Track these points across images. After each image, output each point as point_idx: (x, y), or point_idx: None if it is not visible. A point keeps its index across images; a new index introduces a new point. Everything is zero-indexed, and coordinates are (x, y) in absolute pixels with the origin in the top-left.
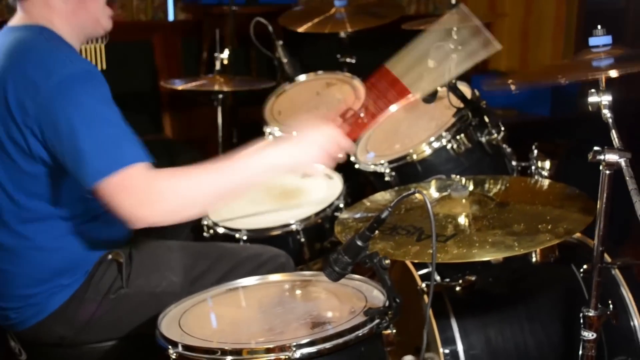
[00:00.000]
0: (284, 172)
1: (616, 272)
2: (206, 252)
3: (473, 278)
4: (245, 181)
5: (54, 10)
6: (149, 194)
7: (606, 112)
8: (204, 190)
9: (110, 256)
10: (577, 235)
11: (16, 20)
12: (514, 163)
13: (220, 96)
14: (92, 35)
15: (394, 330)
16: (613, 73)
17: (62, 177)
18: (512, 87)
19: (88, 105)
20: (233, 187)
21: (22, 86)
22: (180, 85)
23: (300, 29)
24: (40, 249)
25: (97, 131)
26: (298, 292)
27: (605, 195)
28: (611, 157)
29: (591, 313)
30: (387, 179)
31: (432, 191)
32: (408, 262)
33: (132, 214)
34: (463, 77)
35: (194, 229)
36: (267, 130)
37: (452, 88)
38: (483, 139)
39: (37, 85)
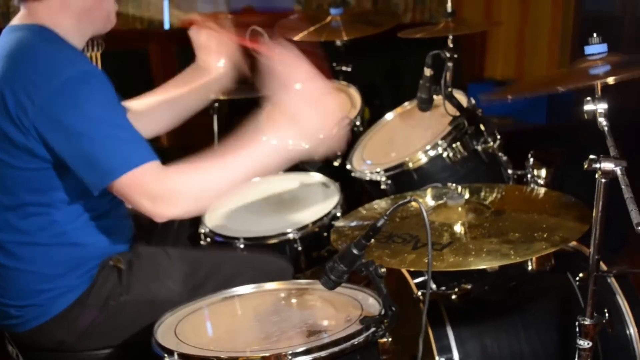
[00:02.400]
0: (293, 158)
1: (612, 281)
2: (205, 260)
3: (469, 286)
4: (253, 171)
5: (68, 9)
6: (162, 191)
7: (602, 120)
8: (214, 182)
9: (111, 262)
10: (573, 243)
11: (18, 19)
12: (509, 171)
13: (216, 104)
14: (100, 32)
15: (390, 339)
16: (610, 80)
17: (65, 174)
18: (509, 98)
19: (91, 108)
20: (241, 177)
21: (21, 88)
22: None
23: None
24: (43, 245)
25: (104, 134)
26: (294, 300)
27: (601, 203)
28: (607, 165)
29: (587, 321)
30: (383, 187)
31: (428, 199)
32: (404, 271)
33: (152, 211)
34: (459, 86)
35: (191, 237)
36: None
37: (448, 96)
38: (479, 147)
39: (38, 87)
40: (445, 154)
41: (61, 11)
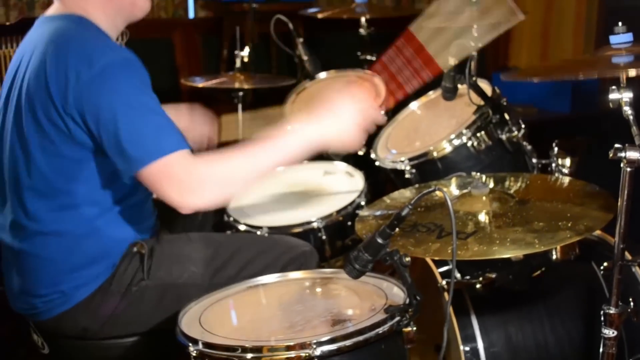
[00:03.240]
0: (319, 149)
1: (637, 270)
2: (227, 243)
3: (493, 275)
4: (279, 161)
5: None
6: (190, 181)
7: (627, 109)
8: (241, 173)
9: (135, 248)
10: (598, 232)
11: (53, 10)
12: (534, 160)
13: (241, 94)
14: (131, 19)
15: (415, 328)
16: (632, 72)
17: (101, 161)
18: (533, 79)
19: (128, 93)
20: (268, 167)
21: (63, 74)
22: (200, 83)
23: (321, 15)
24: (72, 235)
25: (138, 119)
26: (318, 289)
27: (626, 192)
28: (632, 154)
29: (612, 310)
30: (407, 176)
31: (452, 188)
32: (428, 260)
33: (177, 201)
34: (484, 75)
35: (215, 226)
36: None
37: (473, 85)
38: (503, 137)
39: (79, 73)
40: (469, 143)
41: (89, 1)
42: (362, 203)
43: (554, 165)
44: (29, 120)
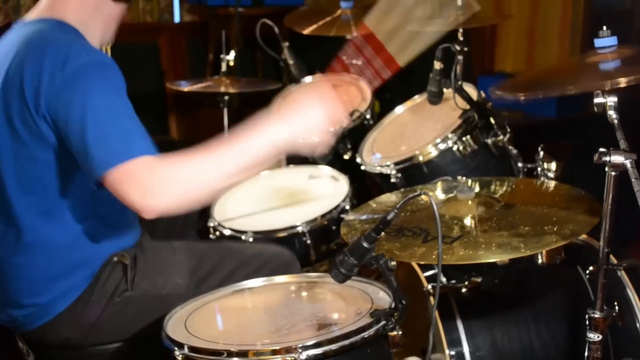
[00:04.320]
0: (287, 148)
1: (622, 274)
2: (211, 252)
3: (479, 279)
4: (246, 162)
5: (100, 12)
6: (152, 183)
7: (612, 113)
8: (206, 175)
9: (115, 258)
10: (583, 236)
11: (33, 15)
12: (520, 164)
13: (226, 98)
14: (107, 43)
15: (400, 332)
16: (622, 81)
17: (74, 167)
18: (522, 98)
19: (100, 95)
20: (234, 170)
21: (37, 75)
22: (186, 87)
23: (306, 31)
24: (52, 242)
25: (107, 122)
26: (304, 293)
27: (610, 196)
28: (617, 158)
29: (597, 314)
30: (393, 180)
31: (438, 193)
32: (414, 264)
33: (140, 204)
34: (469, 79)
35: (200, 232)
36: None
37: (458, 90)
38: (489, 141)
39: (52, 73)
40: (455, 147)
41: (94, 12)
42: (347, 207)
43: (539, 169)
44: (4, 124)
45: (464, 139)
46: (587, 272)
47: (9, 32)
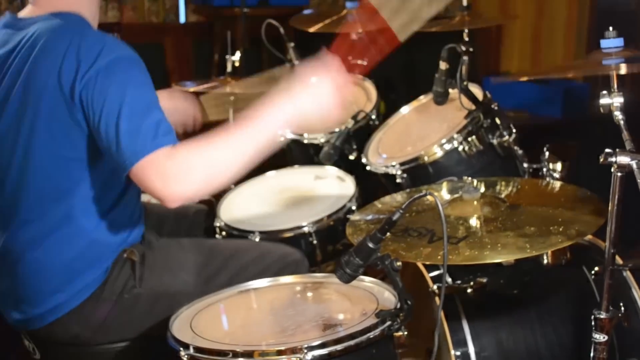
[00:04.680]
0: (299, 123)
1: (627, 274)
2: (219, 250)
3: (484, 280)
4: (262, 142)
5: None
6: (175, 171)
7: (618, 114)
8: (226, 158)
9: (125, 254)
10: (589, 237)
11: (38, 11)
12: (525, 165)
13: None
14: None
15: (406, 332)
16: (622, 69)
17: (98, 164)
18: (521, 79)
19: (135, 87)
20: (252, 149)
21: (73, 67)
22: (191, 88)
23: (312, 29)
24: (66, 237)
25: (140, 113)
26: (309, 294)
27: (616, 197)
28: (623, 159)
29: (602, 315)
30: (398, 180)
31: (443, 193)
32: (419, 264)
33: (163, 193)
34: (475, 79)
35: (206, 231)
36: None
37: (464, 90)
38: (494, 141)
39: (89, 62)
40: (461, 148)
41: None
42: (353, 208)
43: (545, 169)
44: (29, 119)
45: (469, 139)
46: (593, 272)
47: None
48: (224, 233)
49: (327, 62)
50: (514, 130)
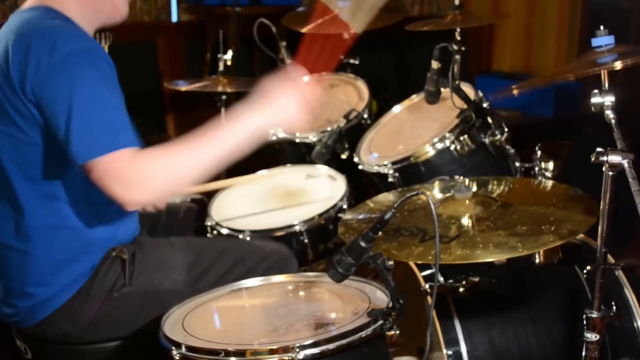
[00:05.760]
0: (265, 135)
1: (619, 273)
2: (209, 249)
3: (476, 279)
4: (225, 152)
5: None
6: (134, 177)
7: (609, 113)
8: (187, 167)
9: (114, 253)
10: (581, 236)
11: (27, 4)
12: (517, 164)
13: (224, 97)
14: (109, 22)
15: (398, 331)
16: (617, 64)
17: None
18: (515, 93)
19: (87, 84)
20: (214, 159)
21: (23, 61)
22: (183, 87)
23: (304, 30)
24: (54, 227)
25: (92, 112)
26: (301, 293)
27: (608, 196)
28: (614, 158)
29: (594, 314)
30: (390, 180)
31: (435, 192)
32: (411, 263)
33: (122, 197)
34: (467, 78)
35: (197, 230)
36: (271, 131)
37: (456, 89)
38: (486, 140)
39: (38, 60)
40: (452, 147)
41: None
42: (345, 206)
43: (536, 168)
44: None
45: (461, 138)
46: (585, 271)
47: (5, 24)
48: (215, 232)
49: (291, 73)
50: (506, 129)
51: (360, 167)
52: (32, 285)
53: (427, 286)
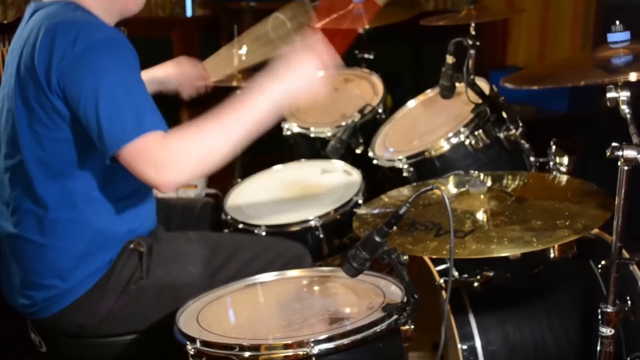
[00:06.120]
0: (287, 107)
1: (634, 268)
2: (225, 244)
3: (491, 274)
4: (254, 124)
5: None
6: (166, 158)
7: (624, 108)
8: (217, 143)
9: (132, 245)
10: (595, 231)
11: None
12: (532, 159)
13: (239, 92)
14: (126, 12)
15: (412, 326)
16: (632, 76)
17: (88, 145)
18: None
19: (111, 72)
20: (243, 132)
21: (48, 55)
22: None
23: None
24: (72, 222)
25: (119, 98)
26: (316, 288)
27: (623, 191)
28: (629, 153)
29: (609, 309)
30: (405, 174)
31: (450, 187)
32: (426, 258)
33: (155, 180)
34: (481, 73)
35: (212, 225)
36: (285, 126)
37: (470, 84)
38: (501, 135)
39: (63, 52)
40: (467, 142)
41: None
42: (360, 201)
43: (551, 163)
44: (22, 107)
45: (476, 133)
46: (600, 266)
47: (24, 17)
48: (230, 228)
49: (310, 41)
50: (521, 124)
51: (374, 161)
52: (50, 278)
53: (441, 281)
